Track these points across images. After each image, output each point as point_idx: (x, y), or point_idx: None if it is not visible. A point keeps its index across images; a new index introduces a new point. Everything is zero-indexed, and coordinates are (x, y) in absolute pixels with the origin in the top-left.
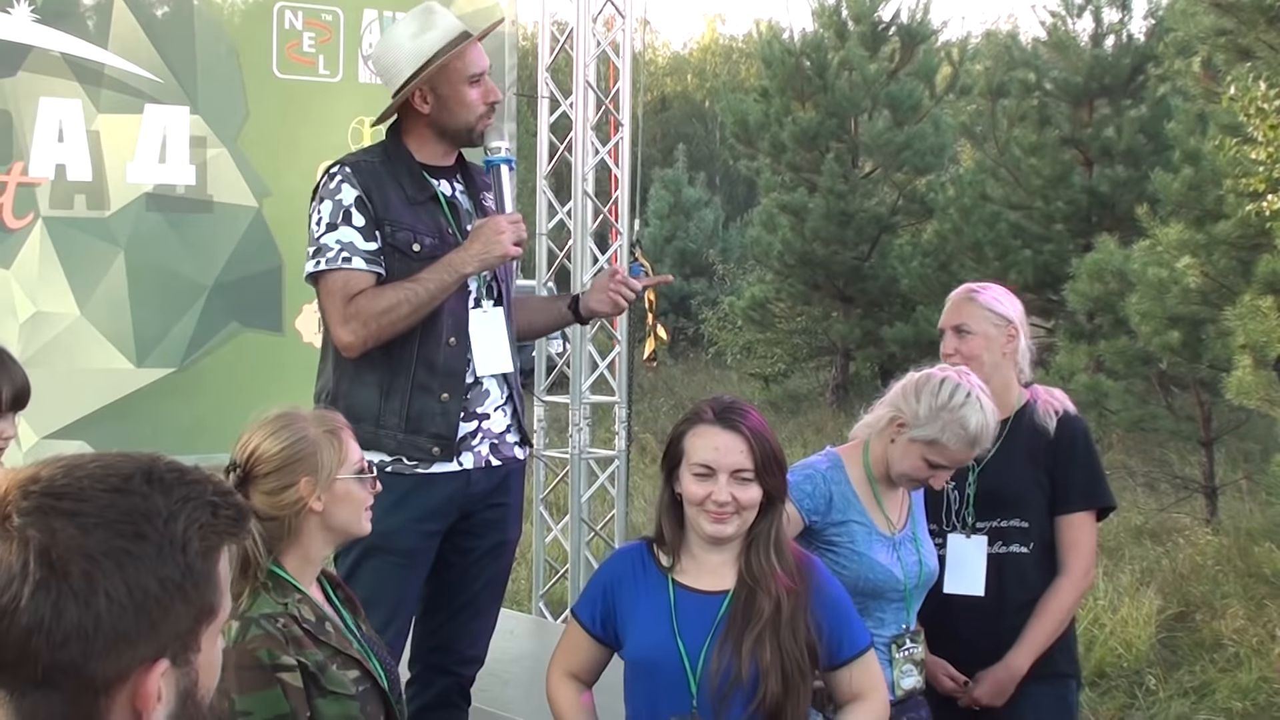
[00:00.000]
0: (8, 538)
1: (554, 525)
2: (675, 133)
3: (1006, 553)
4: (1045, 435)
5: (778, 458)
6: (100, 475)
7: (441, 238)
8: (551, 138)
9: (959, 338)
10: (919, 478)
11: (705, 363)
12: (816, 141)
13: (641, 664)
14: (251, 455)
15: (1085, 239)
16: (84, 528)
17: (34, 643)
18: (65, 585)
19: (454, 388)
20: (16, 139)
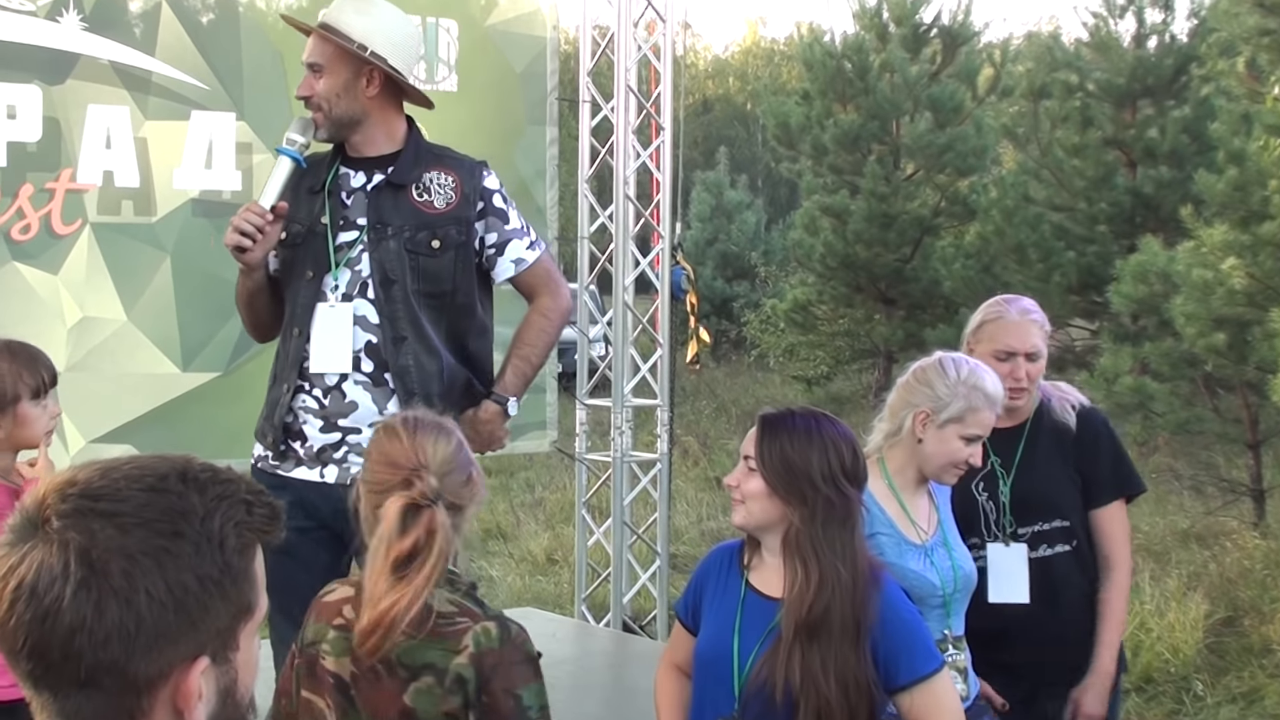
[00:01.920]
0: (48, 540)
1: (596, 529)
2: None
3: (1052, 554)
4: (1068, 431)
5: (787, 458)
6: (136, 476)
7: (311, 226)
8: (593, 141)
9: (1031, 363)
10: (959, 459)
11: (748, 365)
12: (858, 144)
13: (701, 659)
14: (435, 455)
15: (1129, 240)
16: (122, 528)
17: (77, 642)
18: (106, 584)
19: (291, 378)
20: (65, 146)
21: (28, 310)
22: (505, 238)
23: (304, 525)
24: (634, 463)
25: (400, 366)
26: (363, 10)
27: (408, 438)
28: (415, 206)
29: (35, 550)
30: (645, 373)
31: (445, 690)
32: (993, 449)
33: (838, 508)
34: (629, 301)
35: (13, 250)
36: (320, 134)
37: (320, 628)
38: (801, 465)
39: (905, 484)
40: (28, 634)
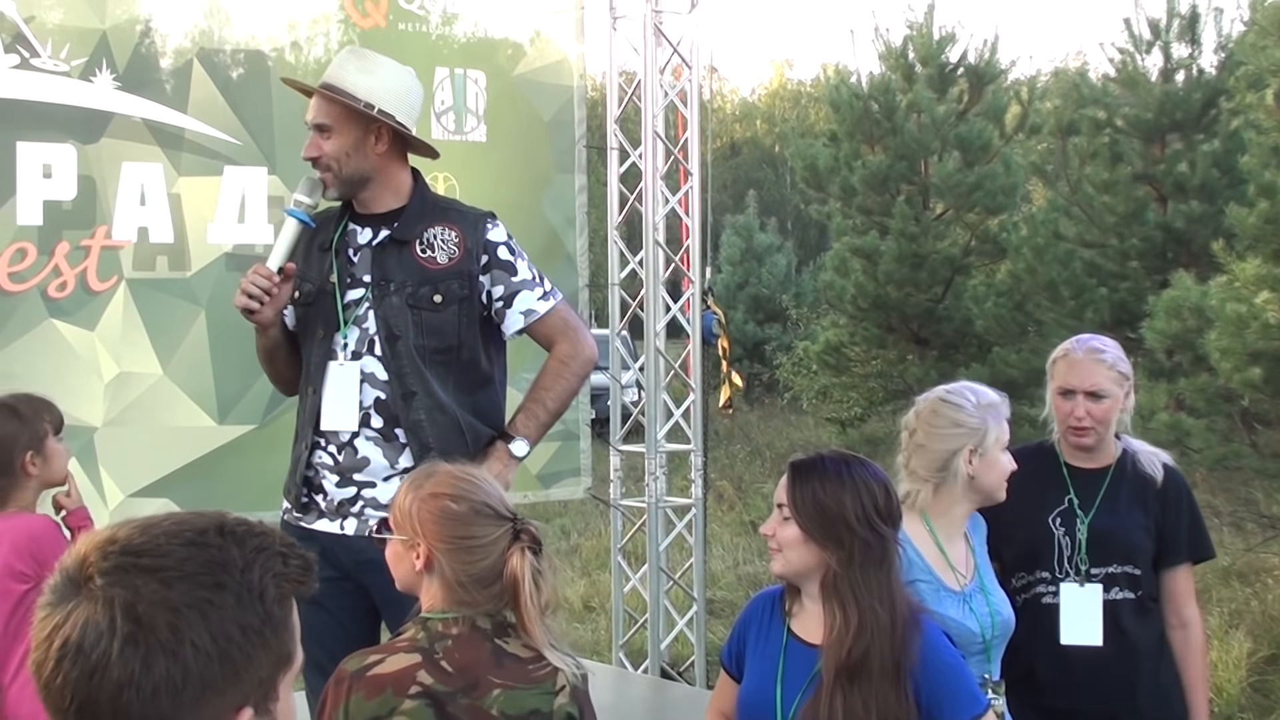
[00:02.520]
0: (92, 598)
1: (632, 575)
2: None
3: (1120, 599)
4: (1153, 484)
5: (820, 502)
6: (175, 531)
7: (321, 286)
8: (622, 188)
9: (1093, 401)
10: (1008, 472)
11: (781, 408)
12: (887, 184)
13: (744, 707)
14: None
15: (1161, 276)
16: (166, 582)
17: (125, 697)
18: (153, 638)
19: (306, 436)
20: (100, 203)
21: (65, 366)
22: (513, 289)
23: (330, 575)
24: (669, 508)
25: (412, 422)
26: (366, 69)
27: (485, 483)
28: (418, 262)
29: (79, 608)
30: (678, 418)
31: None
32: (1072, 487)
33: (874, 549)
34: (661, 347)
35: (50, 307)
36: (330, 193)
37: (385, 700)
38: (835, 508)
39: (946, 529)
40: (74, 692)
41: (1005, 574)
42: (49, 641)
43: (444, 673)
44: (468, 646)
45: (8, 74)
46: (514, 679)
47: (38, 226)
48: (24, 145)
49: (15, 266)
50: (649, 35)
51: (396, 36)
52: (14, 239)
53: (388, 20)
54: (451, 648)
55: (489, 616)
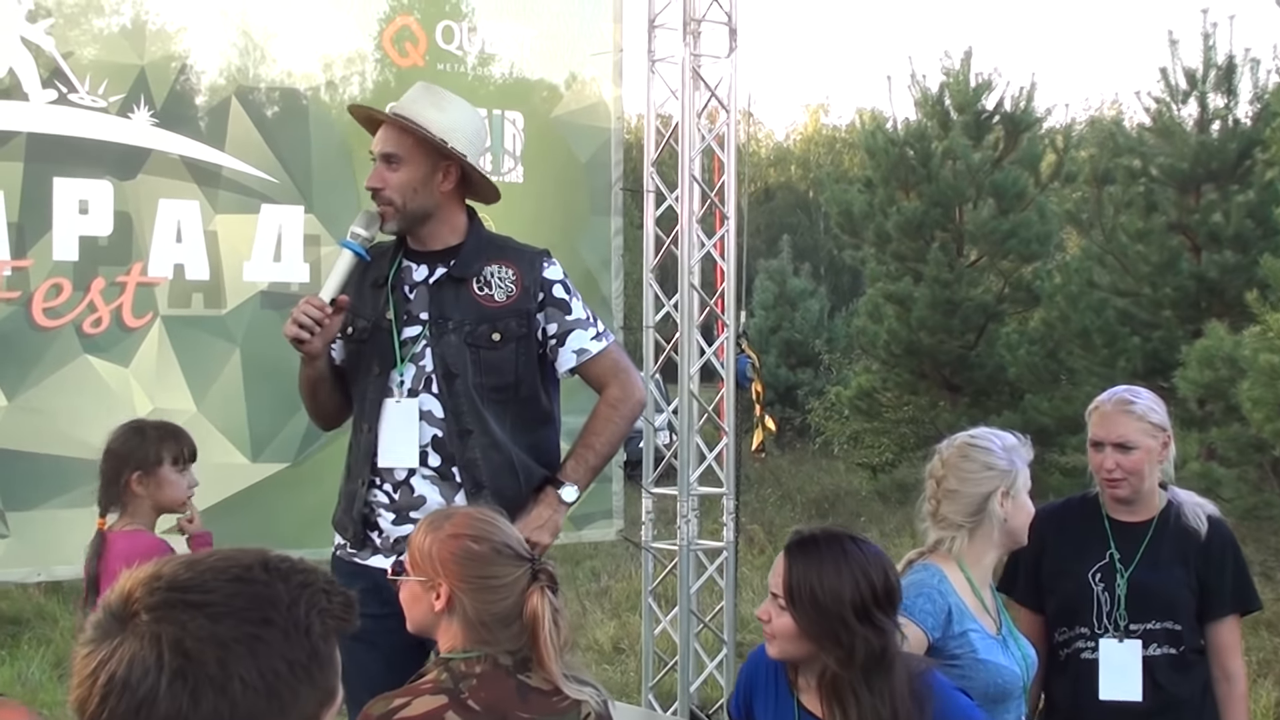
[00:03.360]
0: (138, 634)
1: (663, 617)
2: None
3: (1159, 654)
4: (1196, 538)
5: (817, 598)
6: (221, 567)
7: (376, 322)
8: (658, 231)
9: (1122, 453)
10: (1032, 512)
11: (813, 453)
12: (921, 230)
13: None
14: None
15: (1194, 325)
16: (213, 617)
17: None
18: (202, 673)
19: (365, 473)
20: (136, 240)
21: (99, 402)
22: (567, 328)
23: (380, 613)
24: (700, 551)
25: (467, 460)
26: (440, 106)
27: (503, 524)
28: (476, 300)
29: (125, 644)
30: (711, 461)
31: None
32: (1114, 541)
33: (874, 645)
34: (694, 390)
35: (85, 343)
36: (389, 227)
37: None
38: (833, 606)
39: (980, 575)
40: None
41: (1049, 626)
42: (94, 678)
43: (472, 712)
44: (492, 684)
45: (45, 109)
46: (539, 711)
47: (73, 262)
48: (61, 181)
49: (50, 302)
50: (687, 79)
51: (434, 76)
52: (50, 274)
53: (425, 60)
54: (476, 686)
55: (510, 654)
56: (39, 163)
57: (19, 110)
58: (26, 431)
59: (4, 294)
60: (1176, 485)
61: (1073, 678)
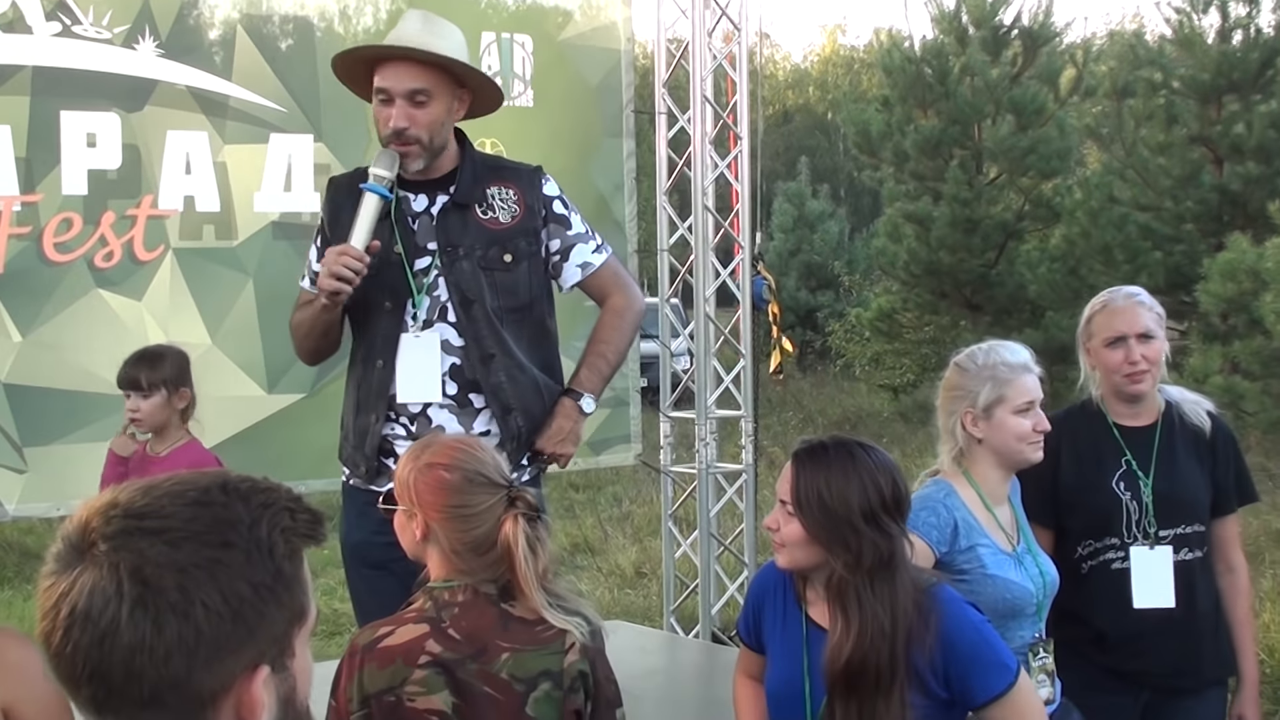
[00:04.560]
0: (97, 563)
1: (683, 541)
2: (798, 146)
3: (1190, 559)
4: (1203, 436)
5: (824, 502)
6: (178, 492)
7: (384, 256)
8: (670, 154)
9: (1145, 344)
10: (1026, 433)
11: (834, 375)
12: (940, 149)
13: (773, 698)
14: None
15: (1217, 238)
16: (172, 543)
17: (138, 662)
18: (163, 600)
19: (380, 409)
20: (145, 172)
21: (113, 336)
22: (569, 243)
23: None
24: (719, 474)
25: (493, 384)
26: (443, 34)
27: (487, 454)
28: (482, 224)
29: (85, 574)
30: (728, 384)
31: (566, 691)
32: (1126, 447)
33: (881, 550)
34: (710, 313)
35: (96, 277)
36: (414, 166)
37: (396, 671)
38: (841, 510)
39: (992, 492)
40: (87, 659)
41: (1068, 541)
42: (56, 610)
43: (452, 640)
44: (473, 613)
45: (50, 42)
46: (521, 642)
47: (83, 196)
48: (68, 114)
49: (61, 236)
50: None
51: (444, 4)
52: (59, 209)
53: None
54: (458, 615)
55: (492, 582)
56: (45, 96)
57: (23, 44)
58: (41, 367)
59: (14, 229)
60: (1194, 395)
61: (1100, 587)
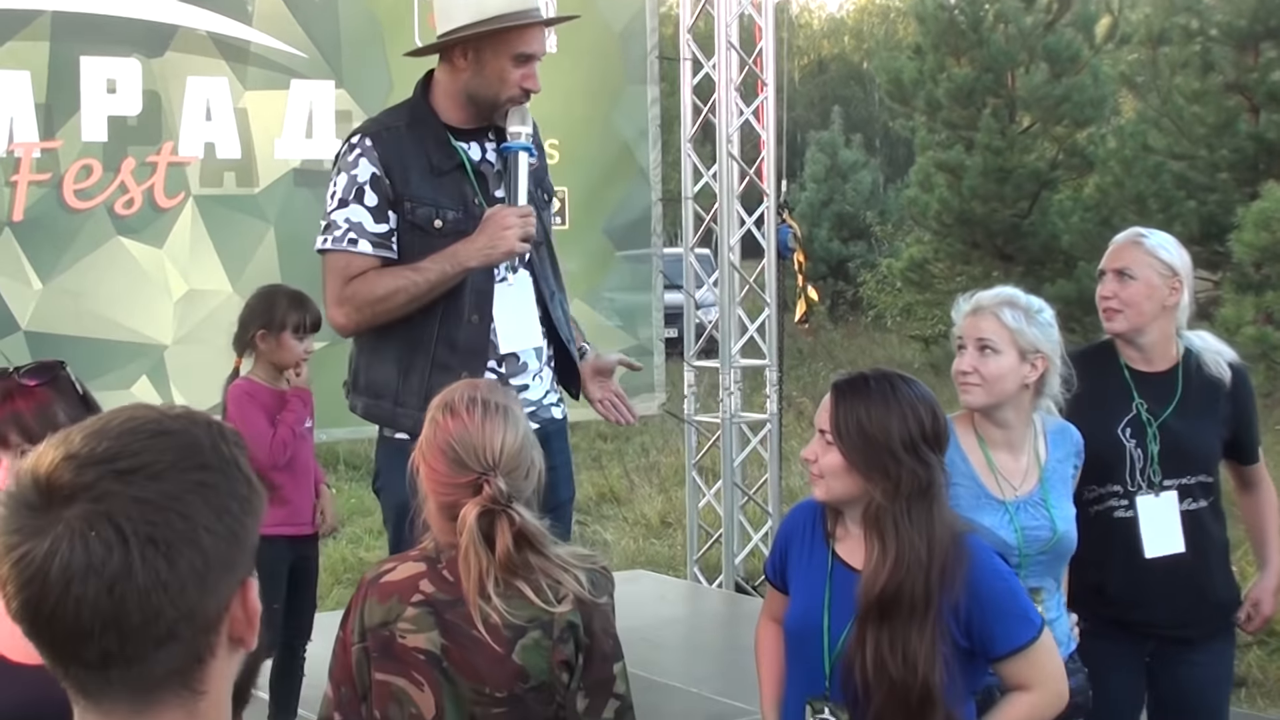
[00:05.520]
0: (83, 516)
1: (707, 490)
2: (833, 95)
3: (1195, 509)
4: (1221, 387)
5: (865, 430)
6: (132, 429)
7: (466, 209)
8: (695, 100)
9: (1119, 281)
10: (958, 373)
11: (865, 326)
12: (973, 97)
13: (791, 633)
14: (503, 454)
15: (1251, 188)
16: (154, 476)
17: (155, 600)
18: (171, 533)
19: (475, 367)
20: (166, 119)
21: (133, 284)
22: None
23: None
24: (743, 424)
25: (556, 319)
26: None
27: (476, 428)
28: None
29: (68, 529)
30: (753, 332)
31: (555, 640)
32: (1138, 393)
33: (920, 478)
34: (735, 261)
35: (117, 225)
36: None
37: (392, 607)
38: (880, 437)
39: (989, 434)
40: (96, 611)
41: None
42: (41, 572)
43: (445, 581)
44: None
45: None
46: (513, 588)
47: (103, 143)
48: (87, 60)
49: (81, 184)
50: None
51: None
52: (79, 155)
53: None
54: (454, 558)
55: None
56: (65, 41)
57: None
58: (61, 314)
59: (34, 176)
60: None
61: (1103, 536)
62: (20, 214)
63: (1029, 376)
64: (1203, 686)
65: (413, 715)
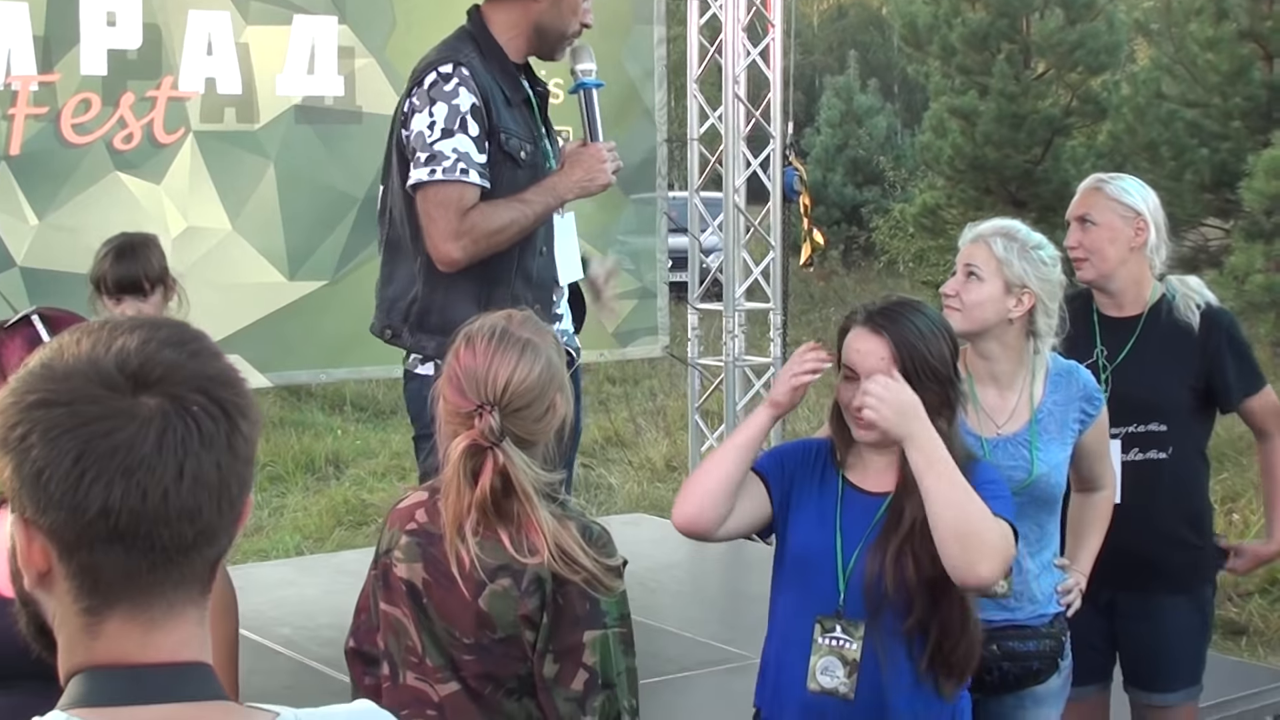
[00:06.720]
0: (182, 394)
1: (710, 434)
2: (851, 40)
3: (1145, 460)
4: (1189, 333)
5: (930, 366)
6: (164, 322)
7: (535, 143)
8: (702, 40)
9: (1083, 229)
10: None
11: (878, 271)
12: (987, 42)
13: (797, 560)
14: (508, 389)
15: (1264, 136)
16: (215, 356)
17: (242, 473)
18: (246, 406)
19: (545, 299)
20: (166, 53)
21: (132, 220)
22: None
23: None
24: (746, 367)
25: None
26: None
27: (484, 359)
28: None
29: (174, 409)
30: (757, 275)
31: (522, 593)
32: (1101, 339)
33: (957, 399)
34: (740, 204)
35: (115, 160)
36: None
37: (394, 535)
38: (939, 369)
39: (975, 367)
40: (206, 484)
41: None
42: (152, 455)
43: (437, 514)
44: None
45: None
46: (491, 531)
47: (102, 77)
48: None
49: (79, 118)
50: None
51: None
52: (78, 89)
53: None
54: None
55: None
56: None
57: None
58: (58, 250)
59: (32, 110)
60: (1239, 299)
61: None
62: (17, 148)
63: (1013, 311)
64: (1165, 638)
65: (408, 648)
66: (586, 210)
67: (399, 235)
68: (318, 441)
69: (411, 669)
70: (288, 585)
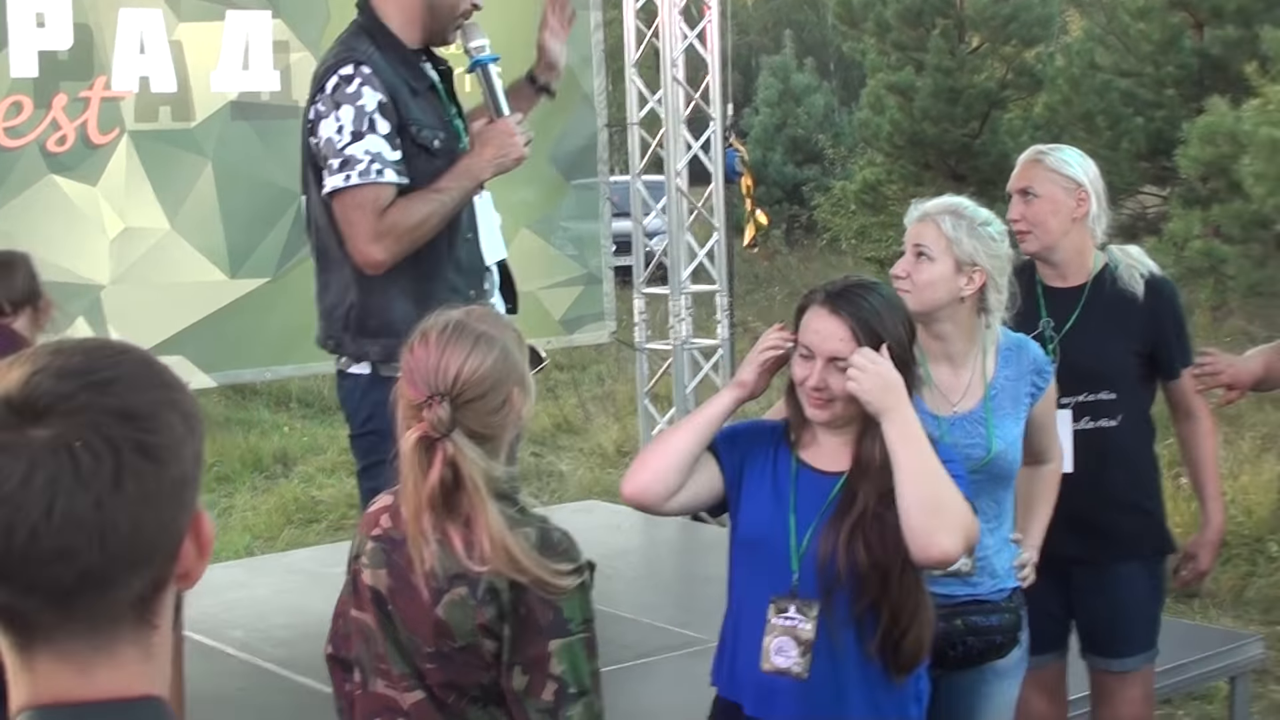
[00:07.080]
0: (69, 429)
1: (660, 419)
2: (786, 20)
3: (1095, 428)
4: (1134, 302)
5: (889, 348)
6: (97, 346)
7: (446, 129)
8: (639, 24)
9: (1025, 202)
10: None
11: (820, 250)
12: (921, 18)
13: (751, 540)
14: (459, 380)
15: (1197, 104)
16: (134, 388)
17: (140, 515)
18: (157, 443)
19: (477, 284)
20: (98, 53)
21: (68, 223)
22: None
23: None
24: (695, 350)
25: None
26: None
27: (437, 351)
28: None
29: (56, 444)
30: (702, 258)
31: (479, 602)
32: (1046, 309)
33: (915, 383)
34: (683, 187)
35: (49, 163)
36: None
37: (362, 540)
38: (899, 352)
39: (931, 350)
40: (81, 525)
41: None
42: (24, 490)
43: (400, 519)
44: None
45: None
46: (444, 533)
47: (33, 79)
48: None
49: (11, 121)
50: None
51: None
52: (9, 92)
53: None
54: None
55: None
56: None
57: None
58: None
59: None
60: (1179, 265)
61: None
62: None
63: (965, 289)
64: (1121, 605)
65: (378, 655)
66: (529, 198)
67: (326, 244)
68: (264, 440)
69: (380, 676)
70: (239, 587)
